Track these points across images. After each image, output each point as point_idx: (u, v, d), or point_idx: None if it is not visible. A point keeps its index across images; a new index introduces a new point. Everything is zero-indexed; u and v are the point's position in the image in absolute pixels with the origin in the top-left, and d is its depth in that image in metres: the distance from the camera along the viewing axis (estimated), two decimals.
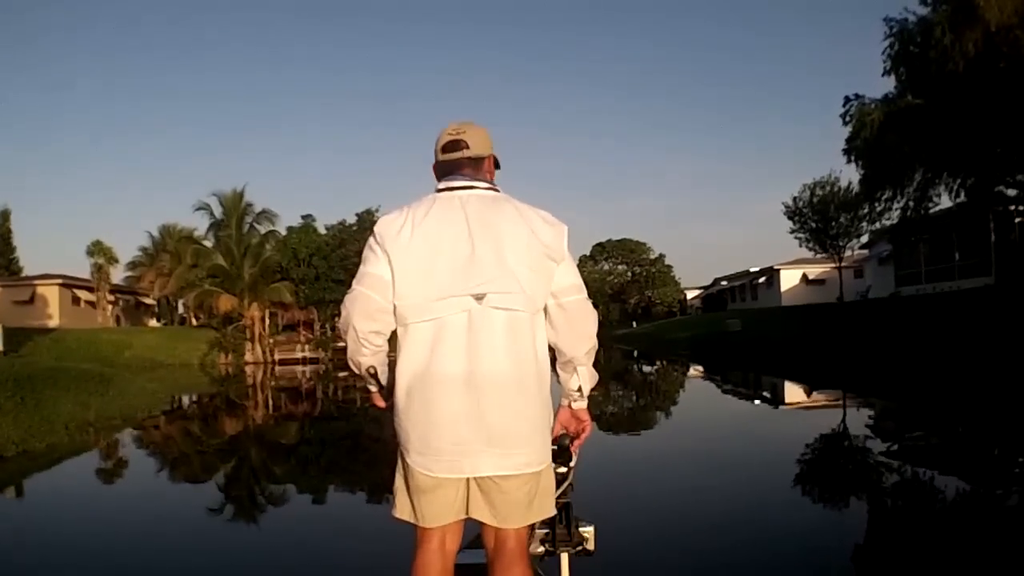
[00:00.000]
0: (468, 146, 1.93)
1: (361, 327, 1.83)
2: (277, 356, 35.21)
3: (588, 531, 2.25)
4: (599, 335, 2.01)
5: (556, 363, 1.97)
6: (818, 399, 13.19)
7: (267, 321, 36.79)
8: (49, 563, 4.19)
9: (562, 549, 2.24)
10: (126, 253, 52.87)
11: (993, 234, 23.32)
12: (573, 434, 2.07)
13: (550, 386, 1.90)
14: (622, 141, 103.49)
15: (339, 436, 10.48)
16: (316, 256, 40.07)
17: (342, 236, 40.91)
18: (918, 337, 17.28)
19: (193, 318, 44.64)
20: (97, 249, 41.01)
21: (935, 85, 18.89)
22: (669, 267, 67.76)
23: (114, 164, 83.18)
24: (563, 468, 2.11)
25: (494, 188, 1.95)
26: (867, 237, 32.02)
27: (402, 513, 1.90)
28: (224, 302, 33.82)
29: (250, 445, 9.89)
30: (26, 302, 37.09)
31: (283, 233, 39.50)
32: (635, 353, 32.34)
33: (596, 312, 1.98)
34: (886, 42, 20.49)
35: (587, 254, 68.79)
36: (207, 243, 37.14)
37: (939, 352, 15.73)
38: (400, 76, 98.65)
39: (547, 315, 1.90)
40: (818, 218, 33.54)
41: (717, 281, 55.72)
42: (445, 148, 1.95)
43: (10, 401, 9.24)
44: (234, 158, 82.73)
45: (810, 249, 35.23)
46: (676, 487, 5.78)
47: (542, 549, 2.23)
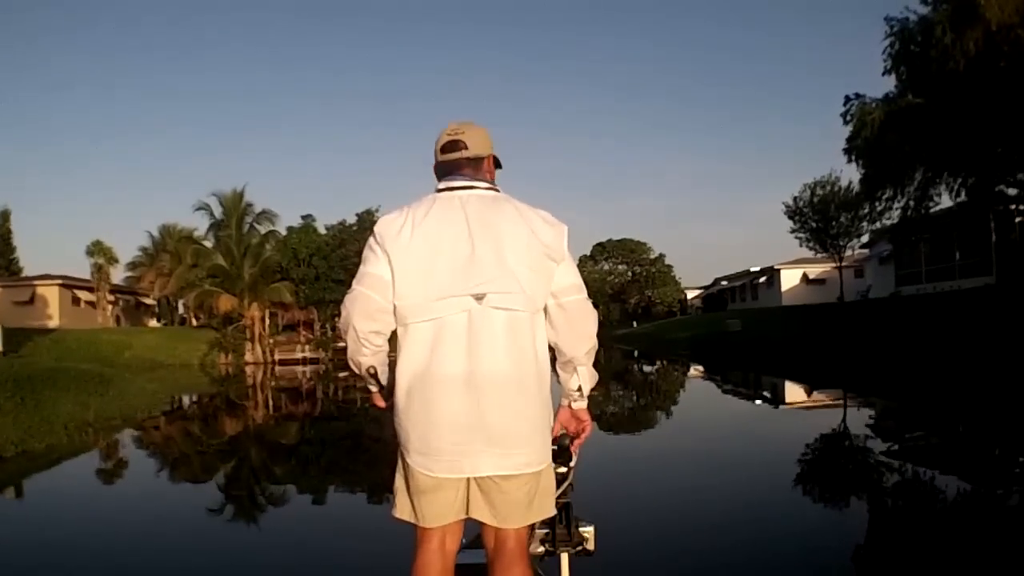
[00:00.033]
0: (467, 146, 1.94)
1: (361, 327, 1.83)
2: (277, 356, 35.20)
3: (588, 531, 2.25)
4: (599, 335, 2.01)
5: (556, 363, 1.97)
6: (818, 399, 13.19)
7: (267, 321, 36.79)
8: (49, 563, 4.19)
9: (562, 549, 2.24)
10: (126, 253, 52.98)
11: (994, 234, 23.31)
12: (573, 434, 2.07)
13: (550, 386, 1.90)
14: (622, 141, 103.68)
15: (339, 436, 10.47)
16: (316, 256, 40.05)
17: (342, 236, 40.89)
18: (919, 337, 17.27)
19: (193, 318, 44.67)
20: (97, 249, 41.04)
21: (936, 84, 18.87)
22: (669, 267, 67.84)
23: (114, 164, 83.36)
24: (563, 468, 2.11)
25: (494, 188, 1.95)
26: (867, 237, 32.04)
27: (402, 513, 1.90)
28: (224, 302, 33.82)
29: (250, 445, 9.88)
30: (26, 302, 37.09)
31: (283, 233, 39.53)
32: (635, 353, 32.34)
33: (596, 312, 1.98)
34: (886, 41, 20.50)
35: (587, 254, 68.82)
36: (207, 243, 37.15)
37: (940, 352, 15.72)
38: (400, 76, 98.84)
39: (547, 315, 1.90)
40: (818, 218, 33.54)
41: (717, 281, 55.73)
42: (444, 149, 1.96)
43: (9, 402, 9.24)
44: (234, 158, 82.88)
45: (810, 249, 35.23)
46: (676, 487, 5.79)
47: (542, 549, 2.22)
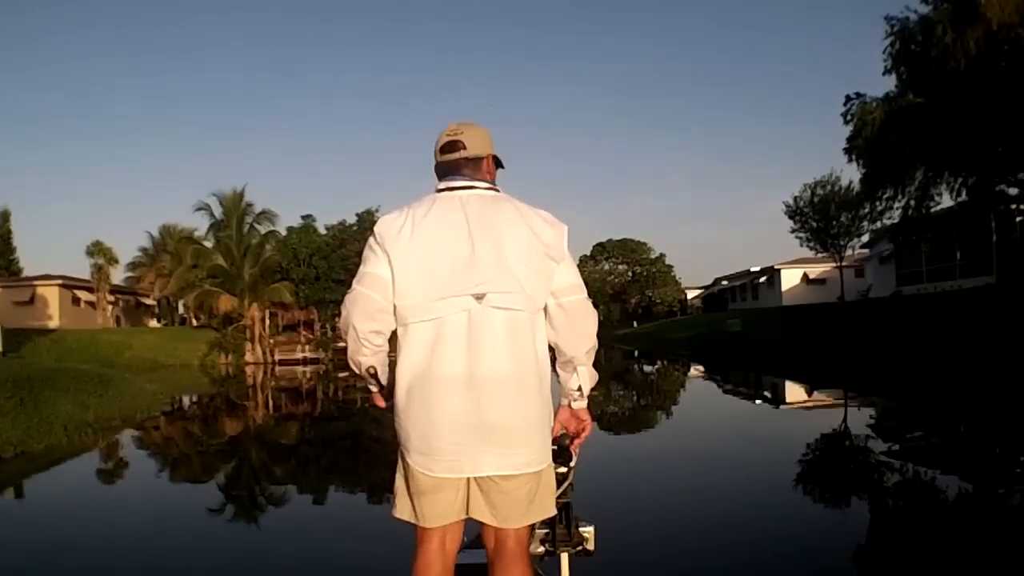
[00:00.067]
0: (465, 147, 1.94)
1: (361, 327, 1.83)
2: (277, 356, 35.19)
3: (588, 531, 2.24)
4: (599, 335, 2.01)
5: (556, 363, 1.96)
6: (819, 399, 13.18)
7: (267, 321, 36.80)
8: (48, 564, 4.19)
9: (562, 549, 2.24)
10: (126, 253, 53.01)
11: (994, 233, 23.29)
12: (573, 434, 2.06)
13: (550, 386, 1.89)
14: (622, 141, 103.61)
15: (339, 436, 10.47)
16: (316, 256, 40.02)
17: (342, 236, 40.86)
18: (919, 337, 17.26)
19: (193, 318, 44.67)
20: (97, 249, 41.06)
21: (936, 84, 18.86)
22: (670, 267, 67.83)
23: (114, 164, 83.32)
24: (563, 468, 2.10)
25: (494, 188, 1.95)
26: (868, 236, 32.04)
27: (402, 513, 1.90)
28: (224, 302, 33.83)
29: (250, 446, 9.88)
30: (26, 303, 37.10)
31: (283, 233, 39.49)
32: (636, 353, 32.34)
33: (596, 312, 1.98)
34: (887, 41, 20.47)
35: (587, 254, 68.80)
36: (207, 243, 37.12)
37: (940, 351, 15.71)
38: (400, 76, 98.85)
39: (547, 315, 1.90)
40: (819, 217, 33.56)
41: (718, 281, 55.71)
42: (443, 149, 1.96)
43: (9, 402, 9.20)
44: (234, 158, 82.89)
45: (811, 248, 35.25)
46: (676, 487, 5.78)
47: (542, 549, 2.22)
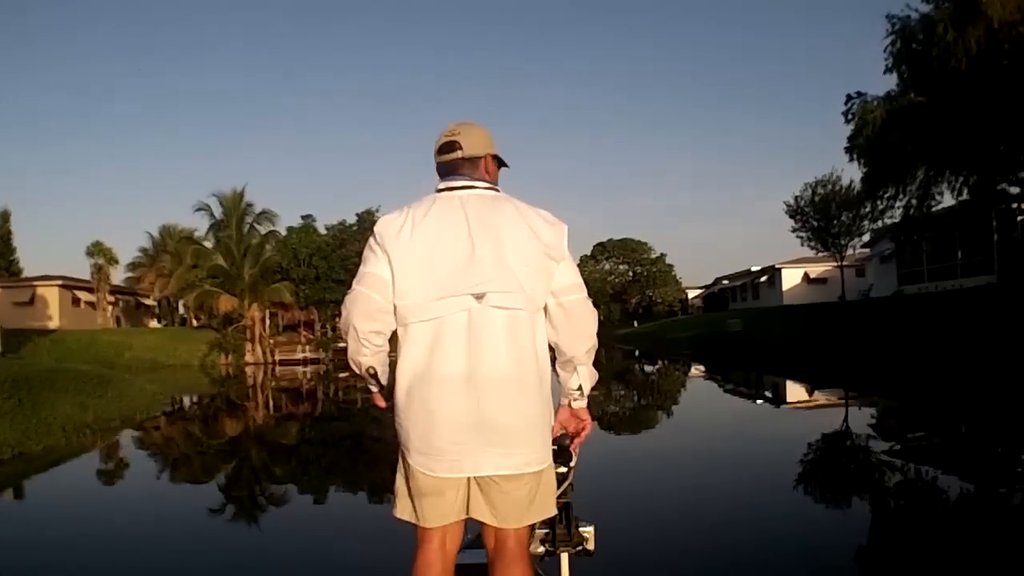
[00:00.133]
0: (461, 147, 1.94)
1: (361, 327, 1.83)
2: (277, 357, 35.23)
3: (588, 531, 2.24)
4: (600, 334, 2.01)
5: (556, 362, 1.96)
6: (820, 399, 13.17)
7: (267, 322, 36.83)
8: (48, 564, 4.19)
9: (562, 549, 2.24)
10: (126, 254, 53.10)
11: (996, 232, 23.26)
12: (573, 433, 2.06)
13: (551, 385, 1.89)
14: (622, 141, 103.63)
15: (340, 437, 10.47)
16: (316, 256, 40.06)
17: (342, 236, 40.90)
18: (921, 336, 17.25)
19: (193, 319, 44.70)
20: (97, 250, 41.07)
21: (937, 82, 18.84)
22: (670, 267, 67.82)
23: (114, 164, 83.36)
24: (563, 468, 2.10)
25: (494, 187, 1.96)
26: (869, 236, 32.02)
27: (403, 513, 1.90)
28: (224, 303, 33.84)
29: (250, 446, 9.88)
30: (26, 303, 37.12)
31: (283, 233, 39.55)
32: (636, 353, 32.34)
33: (596, 311, 1.98)
34: (888, 39, 20.45)
35: (588, 254, 68.79)
36: (207, 244, 37.17)
37: (942, 351, 15.70)
38: (400, 76, 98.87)
39: (547, 314, 1.90)
40: (820, 217, 33.54)
41: (718, 280, 55.71)
42: (441, 150, 1.97)
43: (7, 403, 9.18)
44: (234, 158, 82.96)
45: (812, 248, 35.23)
46: (677, 487, 5.77)
47: (542, 549, 2.22)
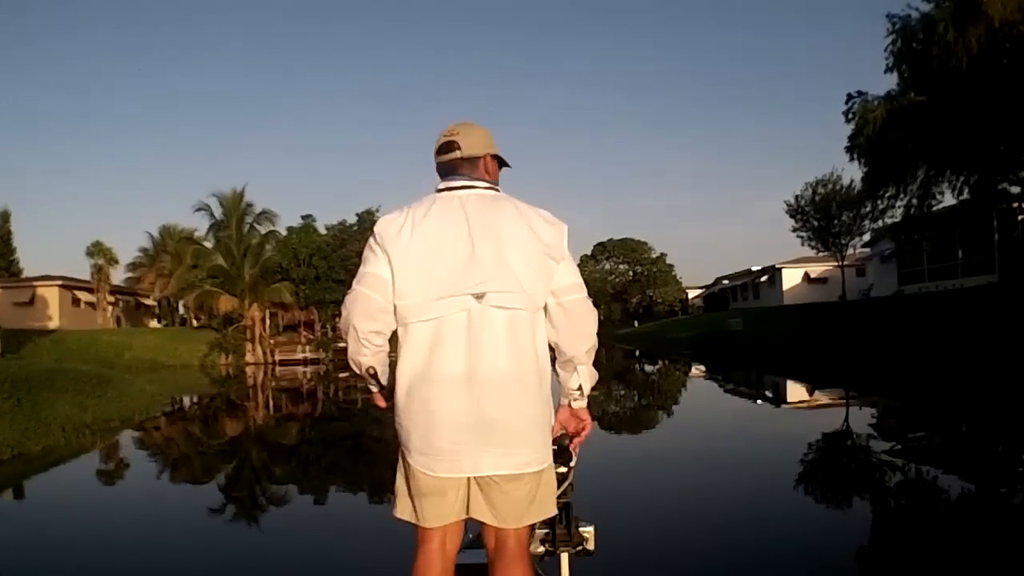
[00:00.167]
0: (460, 147, 1.94)
1: (361, 327, 1.83)
2: (278, 357, 35.23)
3: (588, 531, 2.24)
4: (600, 334, 2.01)
5: (556, 362, 1.96)
6: (820, 398, 13.17)
7: (267, 322, 36.83)
8: (47, 564, 4.18)
9: (562, 549, 2.24)
10: (126, 254, 53.10)
11: (996, 232, 23.25)
12: (573, 433, 2.06)
13: (551, 385, 1.89)
14: (622, 141, 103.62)
15: (340, 437, 10.46)
16: (316, 256, 40.06)
17: (342, 236, 40.90)
18: (921, 336, 17.25)
19: (193, 319, 44.70)
20: (97, 250, 41.08)
21: (938, 82, 18.82)
22: (670, 266, 67.81)
23: (114, 164, 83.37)
24: (563, 468, 2.10)
25: (494, 187, 1.96)
26: (869, 235, 31.99)
27: (403, 513, 1.90)
28: (224, 303, 33.84)
29: (250, 446, 9.87)
30: (26, 303, 37.12)
31: (283, 233, 39.53)
32: (637, 352, 32.33)
33: (596, 311, 1.98)
34: (888, 39, 20.41)
35: (588, 254, 68.79)
36: (207, 244, 37.15)
37: (942, 351, 15.69)
38: (400, 76, 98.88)
39: (547, 314, 1.90)
40: (820, 216, 33.53)
41: (719, 280, 55.71)
42: (440, 150, 1.98)
43: (7, 403, 9.17)
44: (234, 158, 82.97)
45: (812, 248, 35.22)
46: (677, 487, 5.77)
47: (542, 549, 2.22)
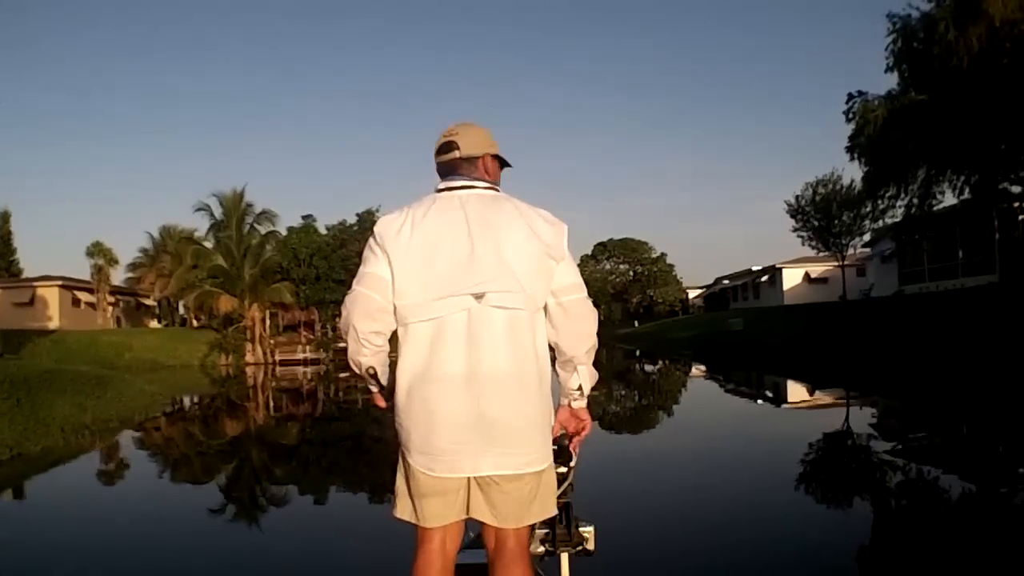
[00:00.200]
0: (459, 147, 1.95)
1: (361, 327, 1.83)
2: (278, 357, 35.22)
3: (588, 531, 2.24)
4: (600, 334, 2.01)
5: (556, 362, 1.96)
6: (821, 398, 13.16)
7: (268, 322, 36.83)
8: (47, 565, 4.18)
9: (562, 549, 2.24)
10: (126, 254, 53.10)
11: (997, 232, 23.22)
12: (573, 433, 2.06)
13: (551, 385, 1.88)
14: (622, 141, 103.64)
15: (340, 437, 10.46)
16: (317, 256, 40.07)
17: (343, 236, 40.91)
18: (922, 336, 17.24)
19: (194, 319, 44.70)
20: (97, 250, 41.08)
21: (939, 81, 18.80)
22: (671, 266, 67.86)
23: (114, 164, 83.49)
24: (563, 468, 2.10)
25: (494, 187, 1.96)
26: (870, 235, 31.98)
27: (403, 513, 1.90)
28: (224, 303, 33.84)
29: (250, 447, 9.87)
30: (26, 304, 37.11)
31: (283, 233, 39.54)
32: (637, 352, 32.33)
33: (596, 311, 1.98)
34: (889, 38, 20.38)
35: (588, 253, 68.82)
36: (207, 244, 37.14)
37: (943, 351, 15.68)
38: (400, 76, 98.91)
39: (547, 314, 1.90)
40: (820, 216, 33.52)
41: (719, 280, 55.72)
42: (439, 150, 1.98)
43: (6, 404, 9.16)
44: (234, 158, 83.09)
45: (813, 248, 35.23)
46: (677, 487, 5.77)
47: (542, 549, 2.22)
